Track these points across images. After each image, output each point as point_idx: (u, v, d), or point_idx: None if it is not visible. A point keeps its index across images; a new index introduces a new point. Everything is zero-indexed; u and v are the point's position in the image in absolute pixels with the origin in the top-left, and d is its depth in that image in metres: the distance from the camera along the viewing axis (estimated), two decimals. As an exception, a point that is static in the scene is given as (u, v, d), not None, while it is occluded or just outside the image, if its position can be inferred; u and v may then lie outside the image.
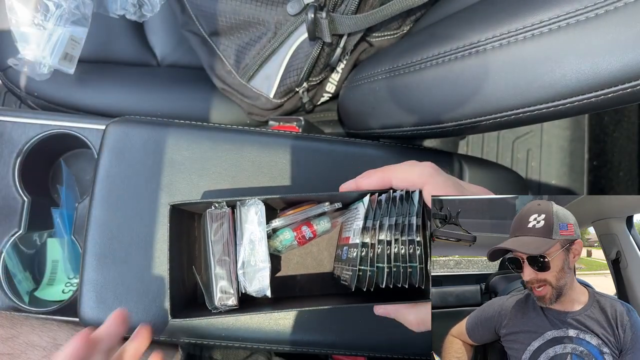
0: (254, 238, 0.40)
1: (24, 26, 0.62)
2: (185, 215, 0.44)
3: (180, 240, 0.43)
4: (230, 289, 0.40)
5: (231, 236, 0.41)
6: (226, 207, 0.41)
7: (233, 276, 0.40)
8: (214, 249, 0.40)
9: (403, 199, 0.38)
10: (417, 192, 0.38)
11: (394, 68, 0.53)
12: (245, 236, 0.41)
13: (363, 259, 0.38)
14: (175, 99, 0.73)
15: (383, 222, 0.38)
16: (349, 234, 0.43)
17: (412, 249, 0.38)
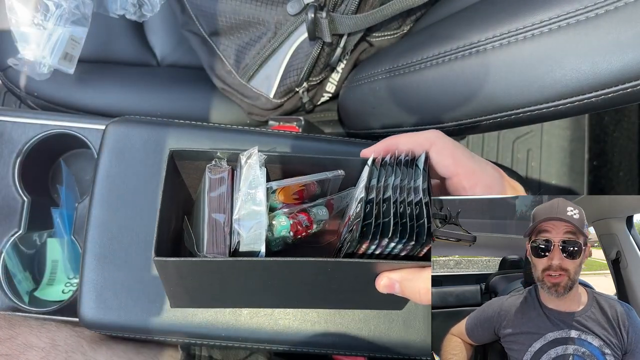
0: (254, 184, 0.38)
1: (23, 26, 0.62)
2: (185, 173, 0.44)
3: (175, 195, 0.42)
4: (222, 238, 0.38)
5: (228, 193, 0.39)
6: (226, 164, 0.40)
7: (227, 229, 0.38)
8: (210, 203, 0.39)
9: (408, 164, 0.37)
10: (422, 156, 0.37)
11: (394, 68, 0.53)
12: (243, 182, 0.38)
13: (367, 215, 0.35)
14: (175, 99, 0.73)
15: (388, 182, 0.37)
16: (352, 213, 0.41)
17: (419, 209, 0.36)
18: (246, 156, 0.39)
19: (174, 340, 0.51)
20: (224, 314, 0.49)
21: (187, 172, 0.44)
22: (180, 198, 0.44)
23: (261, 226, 0.38)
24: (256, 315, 0.49)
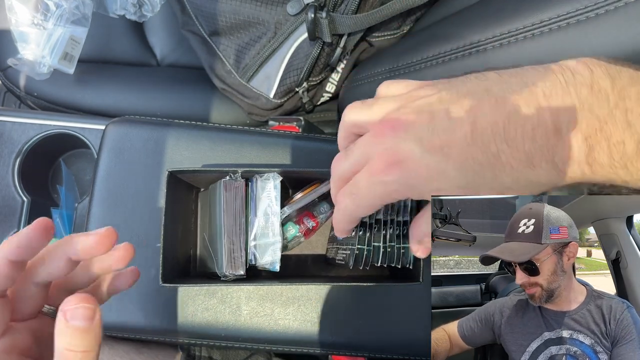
0: (269, 212, 0.41)
1: (23, 26, 0.62)
2: (184, 187, 0.45)
3: (176, 211, 0.44)
4: (240, 259, 0.41)
5: (242, 208, 0.42)
6: (241, 179, 0.42)
7: (243, 247, 0.41)
8: (225, 220, 0.41)
9: None
10: None
11: (394, 68, 0.53)
12: (260, 208, 0.41)
13: (360, 238, 0.39)
14: (175, 99, 0.73)
15: None
16: None
17: (406, 230, 0.39)
18: (263, 179, 0.42)
19: (174, 341, 0.51)
20: (224, 314, 0.49)
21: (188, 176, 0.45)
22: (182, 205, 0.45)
23: (277, 250, 0.42)
24: (256, 316, 0.49)
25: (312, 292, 0.50)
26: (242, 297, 0.49)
